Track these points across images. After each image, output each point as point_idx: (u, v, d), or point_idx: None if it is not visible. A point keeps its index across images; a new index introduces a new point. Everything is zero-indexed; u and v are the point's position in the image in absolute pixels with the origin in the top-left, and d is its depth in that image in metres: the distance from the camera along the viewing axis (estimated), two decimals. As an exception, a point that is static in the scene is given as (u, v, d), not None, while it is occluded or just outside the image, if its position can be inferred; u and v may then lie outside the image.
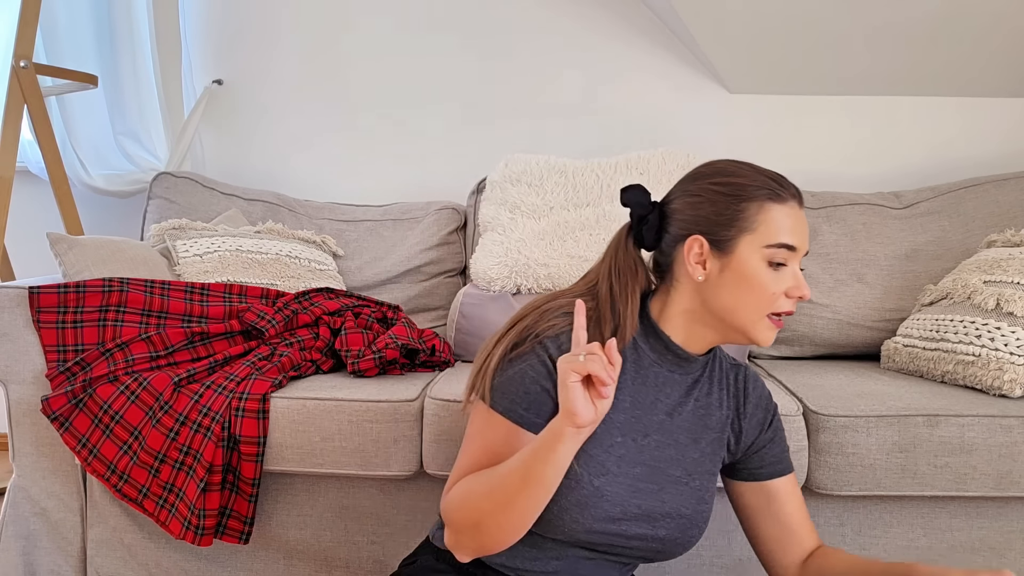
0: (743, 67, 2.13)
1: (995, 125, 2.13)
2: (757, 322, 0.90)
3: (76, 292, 1.42)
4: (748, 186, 0.90)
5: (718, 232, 0.90)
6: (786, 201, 0.90)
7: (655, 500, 0.92)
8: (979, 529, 1.35)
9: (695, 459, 0.96)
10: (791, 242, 0.89)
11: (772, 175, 0.92)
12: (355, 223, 2.06)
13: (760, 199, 0.89)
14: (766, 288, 0.89)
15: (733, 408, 1.00)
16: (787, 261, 0.89)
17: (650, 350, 0.96)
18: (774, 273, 0.89)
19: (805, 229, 0.92)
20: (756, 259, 0.89)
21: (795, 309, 0.93)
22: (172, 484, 1.31)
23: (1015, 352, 1.36)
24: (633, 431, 0.93)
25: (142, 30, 2.20)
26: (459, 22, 2.24)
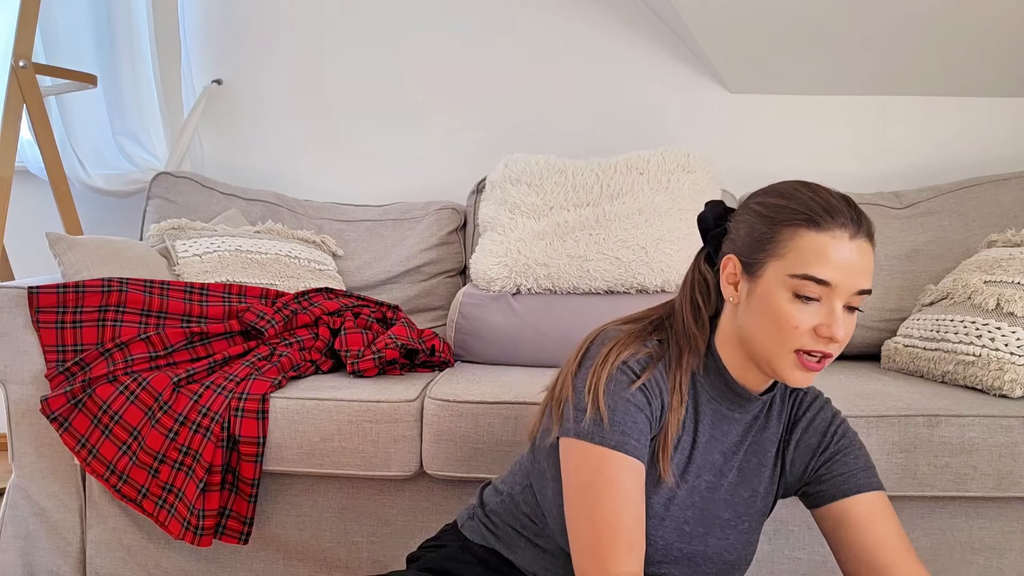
0: (743, 67, 2.12)
1: (995, 125, 2.13)
2: (780, 357, 0.82)
3: (75, 292, 1.42)
4: (786, 208, 0.82)
5: (751, 254, 0.84)
6: (828, 229, 0.79)
7: (700, 544, 0.88)
8: (979, 529, 1.35)
9: (746, 499, 0.91)
10: (822, 276, 0.79)
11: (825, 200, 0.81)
12: (355, 223, 2.06)
13: (796, 224, 0.81)
14: (786, 320, 0.80)
15: (782, 439, 0.94)
16: (820, 296, 0.80)
17: (709, 385, 0.90)
18: (800, 306, 0.80)
19: (855, 265, 0.79)
20: (780, 288, 0.81)
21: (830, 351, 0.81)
22: (171, 484, 1.31)
23: (1015, 352, 1.36)
24: (685, 472, 0.88)
25: (141, 30, 2.20)
26: (459, 22, 2.24)
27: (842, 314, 0.80)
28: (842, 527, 0.90)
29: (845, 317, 0.81)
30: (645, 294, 1.76)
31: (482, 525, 0.99)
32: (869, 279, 0.81)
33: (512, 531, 0.97)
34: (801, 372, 0.82)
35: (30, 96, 1.93)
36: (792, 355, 0.81)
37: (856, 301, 0.81)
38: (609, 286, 1.76)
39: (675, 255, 1.73)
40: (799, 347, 0.81)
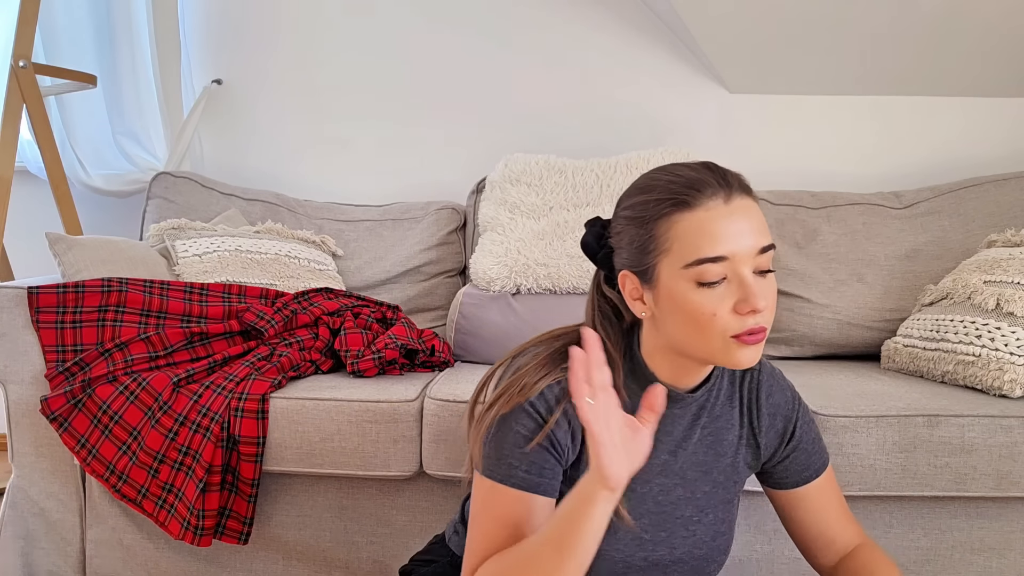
0: (743, 67, 2.12)
1: (995, 125, 2.13)
2: (715, 350, 0.77)
3: (75, 292, 1.42)
4: (651, 201, 0.77)
5: (640, 261, 0.78)
6: (699, 203, 0.74)
7: (664, 548, 0.86)
8: (979, 529, 1.35)
9: (707, 492, 0.89)
10: (713, 253, 0.73)
11: (684, 176, 0.76)
12: (354, 223, 2.06)
13: (666, 213, 0.75)
14: (701, 312, 0.74)
15: (748, 423, 0.92)
16: (725, 274, 0.74)
17: (640, 389, 0.86)
18: (708, 292, 0.74)
19: (742, 226, 0.74)
20: (681, 283, 0.75)
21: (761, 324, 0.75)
22: (171, 484, 1.31)
23: (1015, 352, 1.36)
24: (632, 481, 0.85)
25: (141, 30, 2.19)
26: (459, 22, 2.24)
27: (755, 281, 0.74)
28: (799, 508, 0.94)
29: (760, 283, 0.75)
30: (645, 294, 1.76)
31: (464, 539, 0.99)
32: (765, 234, 0.75)
33: None
34: (745, 351, 0.76)
35: (30, 96, 1.93)
36: (726, 341, 0.76)
37: (763, 262, 0.75)
38: (609, 286, 1.76)
39: (675, 255, 1.73)
40: (728, 333, 0.75)
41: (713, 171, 0.77)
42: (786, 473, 0.93)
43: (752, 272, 0.75)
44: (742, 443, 0.92)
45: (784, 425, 0.92)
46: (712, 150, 2.19)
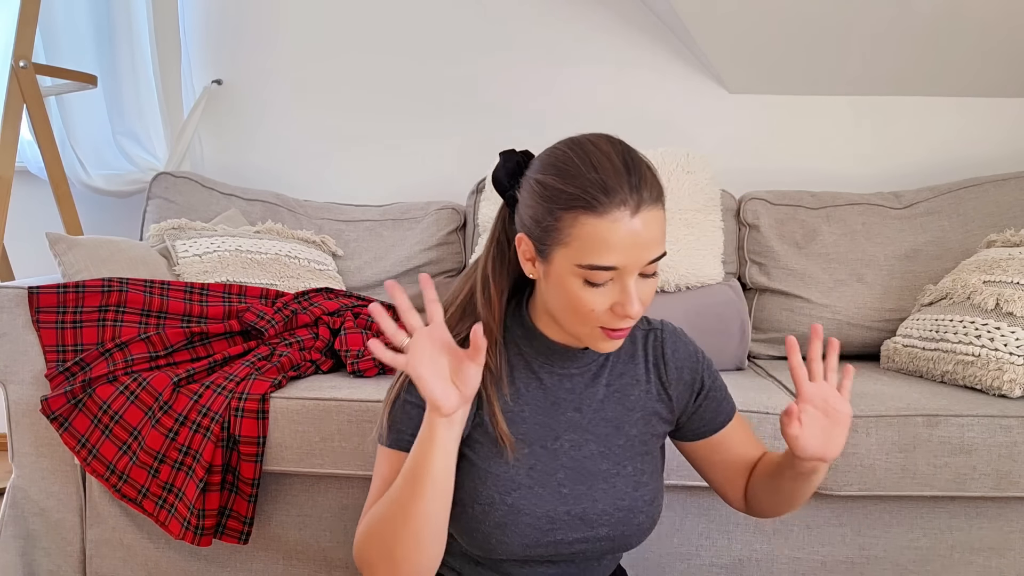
0: (743, 67, 2.13)
1: (995, 125, 2.13)
2: (583, 334, 0.83)
3: (75, 292, 1.42)
4: (564, 193, 0.78)
5: (540, 238, 0.81)
6: (606, 212, 0.76)
7: (587, 501, 0.88)
8: (979, 529, 1.35)
9: (622, 445, 0.92)
10: (606, 263, 0.76)
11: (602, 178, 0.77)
12: (354, 223, 2.06)
13: (574, 210, 0.77)
14: (582, 305, 0.79)
15: (656, 378, 0.95)
16: (612, 277, 0.78)
17: (534, 352, 0.90)
18: (592, 291, 0.79)
19: (640, 240, 0.77)
20: (571, 276, 0.79)
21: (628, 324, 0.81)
22: (171, 484, 1.31)
23: (1015, 352, 1.36)
24: (541, 438, 0.89)
25: (141, 30, 2.20)
26: (459, 22, 2.24)
27: (636, 287, 0.79)
28: (718, 451, 0.98)
29: (640, 286, 0.80)
30: (645, 294, 1.76)
31: None
32: (659, 245, 0.80)
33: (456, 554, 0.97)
34: (607, 343, 0.83)
35: (30, 96, 1.93)
36: (595, 330, 0.82)
37: (649, 269, 0.80)
38: (609, 286, 1.76)
39: (675, 255, 1.73)
40: (599, 325, 0.81)
41: (630, 175, 0.78)
42: (702, 422, 0.97)
43: (638, 276, 0.80)
44: (651, 397, 0.95)
45: (692, 376, 0.96)
46: (712, 150, 2.19)
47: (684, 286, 1.74)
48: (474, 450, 0.88)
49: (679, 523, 1.38)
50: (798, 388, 0.83)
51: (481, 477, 0.87)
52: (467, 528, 0.88)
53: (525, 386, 0.91)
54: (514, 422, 0.89)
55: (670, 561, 1.39)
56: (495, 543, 0.87)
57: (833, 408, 0.83)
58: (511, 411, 0.89)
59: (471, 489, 0.88)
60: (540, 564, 0.92)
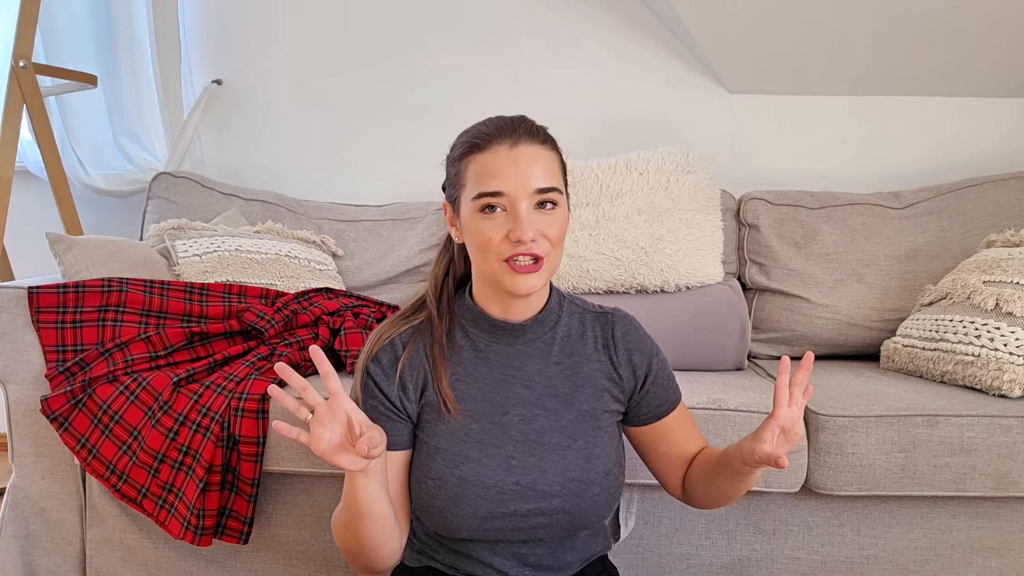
0: (743, 67, 2.13)
1: (995, 125, 2.13)
2: (497, 271, 0.90)
3: (75, 292, 1.42)
4: (460, 143, 0.93)
5: (451, 195, 0.94)
6: (488, 147, 0.89)
7: (536, 472, 0.93)
8: (979, 529, 1.35)
9: (572, 420, 0.96)
10: (490, 188, 0.87)
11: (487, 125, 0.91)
12: (354, 223, 2.06)
13: (467, 154, 0.91)
14: (481, 236, 0.88)
15: (606, 358, 1.00)
16: (505, 207, 0.88)
17: (480, 332, 0.98)
18: (488, 221, 0.88)
19: (520, 168, 0.87)
20: (473, 212, 0.89)
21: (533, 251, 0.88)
22: (171, 484, 1.31)
23: (1014, 352, 1.36)
24: (489, 414, 0.95)
25: (141, 30, 2.20)
26: (459, 22, 2.24)
27: (529, 215, 0.88)
28: (661, 439, 1.04)
29: (535, 217, 0.88)
30: (644, 294, 1.76)
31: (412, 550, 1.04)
32: (547, 178, 0.89)
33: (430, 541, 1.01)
34: (515, 276, 0.89)
35: (30, 96, 1.93)
36: (502, 264, 0.89)
37: (545, 198, 0.89)
38: (608, 286, 1.76)
39: (675, 255, 1.73)
40: (500, 256, 0.88)
41: (511, 122, 0.91)
42: (648, 407, 1.02)
43: (532, 207, 0.88)
44: (602, 375, 1.00)
45: (640, 360, 1.01)
46: (712, 150, 2.19)
47: (684, 286, 1.74)
48: (424, 430, 0.96)
49: (679, 523, 1.38)
50: (776, 409, 0.87)
51: (431, 454, 0.94)
52: (424, 505, 0.94)
53: (473, 365, 0.97)
54: (463, 399, 0.95)
55: (670, 561, 1.39)
56: (451, 517, 0.92)
57: (794, 431, 0.88)
58: (461, 390, 0.96)
59: (423, 466, 0.94)
60: (507, 545, 0.95)
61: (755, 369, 1.75)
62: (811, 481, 1.31)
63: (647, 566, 1.39)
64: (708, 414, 1.31)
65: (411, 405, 0.97)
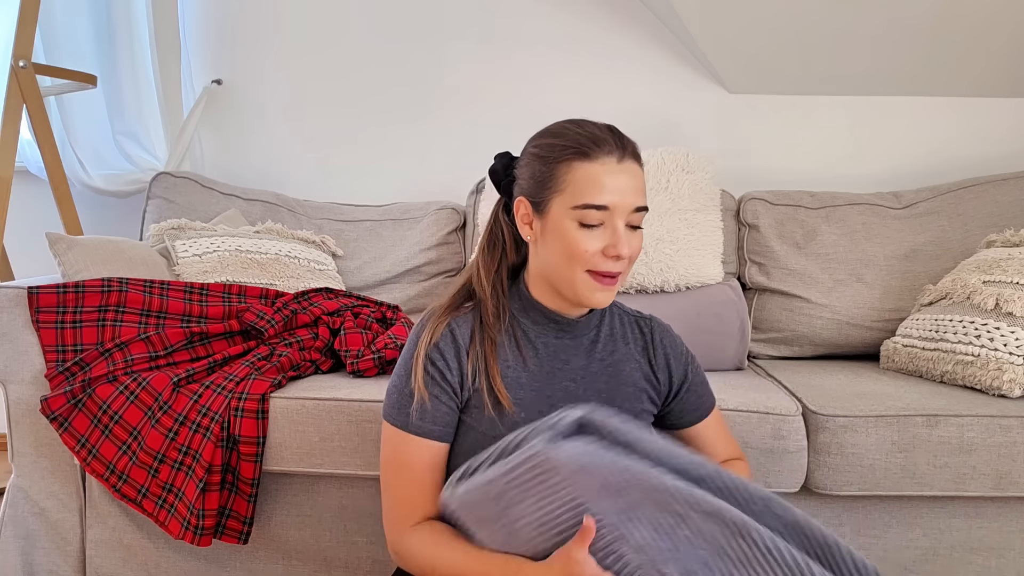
0: (743, 67, 2.13)
1: (995, 125, 2.13)
2: (576, 281, 0.90)
3: (75, 292, 1.42)
4: (557, 146, 0.91)
5: (537, 193, 0.92)
6: (596, 158, 0.88)
7: None
8: (978, 529, 1.35)
9: None
10: (598, 201, 0.87)
11: (590, 132, 0.90)
12: (354, 223, 2.06)
13: (568, 159, 0.89)
14: (576, 246, 0.89)
15: (645, 360, 1.03)
16: (603, 221, 0.88)
17: (532, 323, 0.98)
18: (586, 232, 0.89)
19: (627, 185, 0.88)
20: (567, 220, 0.89)
21: (619, 268, 0.90)
22: (171, 484, 1.31)
23: (1014, 352, 1.36)
24: (537, 404, 0.96)
25: (141, 30, 2.20)
26: (459, 23, 2.24)
27: (625, 233, 0.89)
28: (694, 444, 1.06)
29: (628, 235, 0.90)
30: (644, 294, 1.76)
31: None
32: (642, 197, 0.90)
33: None
34: (599, 291, 0.91)
35: (30, 96, 1.93)
36: (586, 275, 0.90)
37: (636, 219, 0.90)
38: (609, 286, 1.76)
39: (675, 255, 1.73)
40: (590, 268, 0.89)
41: (614, 133, 0.91)
42: (682, 413, 1.05)
43: (625, 225, 0.89)
44: (640, 376, 1.02)
45: (677, 365, 1.04)
46: (712, 150, 2.19)
47: (684, 286, 1.74)
48: (472, 415, 0.95)
49: (679, 523, 1.38)
50: None
51: (479, 440, 0.94)
52: None
53: (524, 356, 0.98)
54: (511, 387, 0.96)
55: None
56: None
57: None
58: (510, 378, 0.96)
59: (470, 450, 0.93)
60: None
61: (755, 369, 1.75)
62: (811, 481, 1.31)
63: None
64: (708, 414, 1.31)
65: (466, 392, 0.97)
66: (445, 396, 0.94)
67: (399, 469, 0.94)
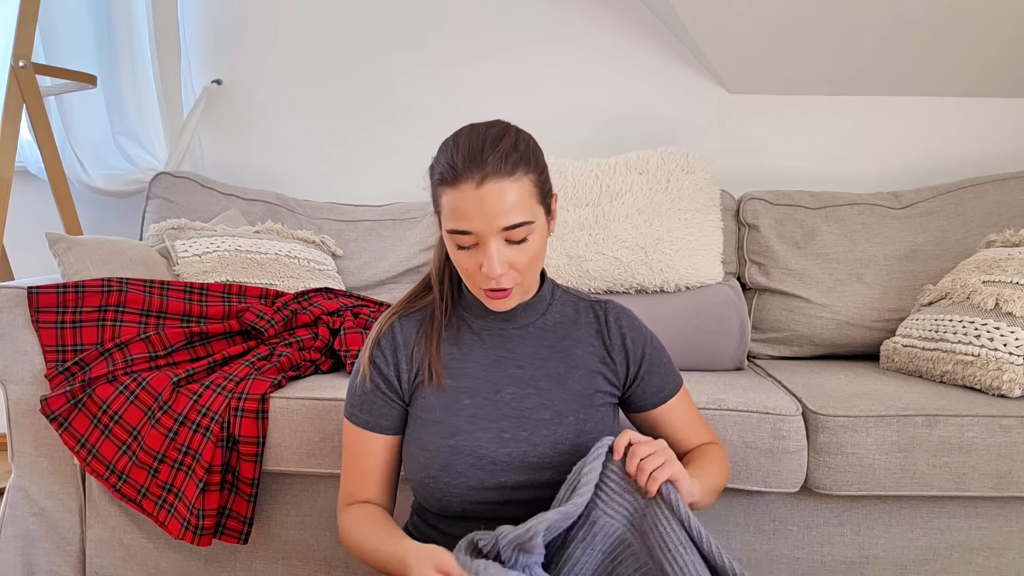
0: (743, 67, 2.13)
1: (995, 125, 2.13)
2: (476, 293, 0.95)
3: (75, 292, 1.42)
4: (435, 168, 0.92)
5: (435, 212, 0.95)
6: (457, 185, 0.87)
7: (527, 445, 0.96)
8: (978, 529, 1.35)
9: (565, 399, 0.99)
10: (462, 227, 0.88)
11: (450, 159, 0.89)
12: (354, 223, 2.06)
13: (440, 184, 0.90)
14: (460, 266, 0.93)
15: (600, 343, 1.04)
16: (475, 242, 0.89)
17: (474, 316, 1.03)
18: (465, 254, 0.91)
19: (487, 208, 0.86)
20: (449, 241, 0.92)
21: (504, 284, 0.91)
22: (171, 484, 1.31)
23: (1014, 352, 1.36)
24: (483, 391, 0.99)
25: (141, 30, 2.20)
26: (459, 22, 2.24)
27: (499, 250, 0.89)
28: (659, 426, 1.07)
29: (509, 251, 0.90)
30: (644, 294, 1.76)
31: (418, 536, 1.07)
32: (511, 215, 0.87)
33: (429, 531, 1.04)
34: (491, 303, 0.95)
35: (30, 96, 1.93)
36: (480, 291, 0.94)
37: (514, 235, 0.89)
38: (608, 286, 1.76)
39: (674, 255, 1.73)
40: (479, 286, 0.93)
41: (481, 151, 0.88)
42: (644, 395, 1.05)
43: (502, 242, 0.89)
44: (595, 358, 1.03)
45: (634, 346, 1.04)
46: (712, 150, 2.19)
47: (684, 286, 1.74)
48: (417, 406, 1.00)
49: (679, 523, 1.38)
50: None
51: (425, 426, 0.98)
52: (419, 479, 0.97)
53: (469, 346, 1.02)
54: (458, 376, 0.99)
55: (670, 561, 1.39)
56: (444, 487, 0.95)
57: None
58: (455, 368, 1.00)
59: (418, 439, 0.98)
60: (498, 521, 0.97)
61: (755, 369, 1.75)
62: (811, 481, 1.31)
63: (647, 566, 1.39)
64: (708, 414, 1.31)
65: (407, 386, 1.01)
66: (384, 392, 1.00)
67: (347, 456, 1.03)
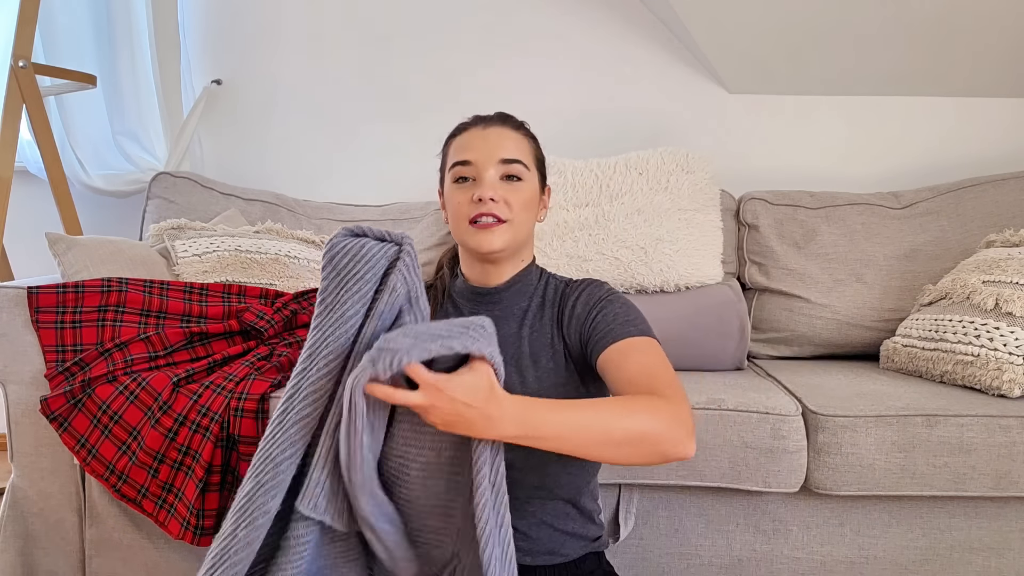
0: (743, 67, 2.13)
1: (995, 125, 2.13)
2: (464, 232, 1.02)
3: (75, 292, 1.42)
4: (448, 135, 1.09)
5: (441, 178, 1.09)
6: (466, 130, 1.05)
7: None
8: (978, 529, 1.35)
9: (537, 377, 1.03)
10: (461, 158, 1.02)
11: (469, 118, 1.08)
12: (354, 223, 2.06)
13: (450, 138, 1.08)
14: (454, 203, 1.03)
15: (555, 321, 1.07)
16: (473, 176, 1.01)
17: (465, 301, 1.10)
18: (460, 188, 1.02)
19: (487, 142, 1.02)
20: (449, 184, 1.05)
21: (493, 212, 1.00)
22: (171, 484, 1.31)
23: (1014, 352, 1.36)
24: None
25: (141, 30, 2.20)
26: (458, 23, 2.24)
27: (494, 182, 1.00)
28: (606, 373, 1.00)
29: (501, 184, 1.01)
30: (644, 294, 1.76)
31: None
32: (508, 150, 1.02)
33: None
34: (478, 235, 1.00)
35: (30, 96, 1.93)
36: (469, 226, 1.01)
37: (509, 170, 1.02)
38: (608, 286, 1.76)
39: (674, 255, 1.73)
40: (468, 217, 1.00)
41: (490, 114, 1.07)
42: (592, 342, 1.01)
43: (498, 177, 1.01)
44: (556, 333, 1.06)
45: (584, 307, 1.03)
46: (712, 150, 2.19)
47: (683, 286, 1.74)
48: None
49: (678, 523, 1.38)
50: None
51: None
52: None
53: None
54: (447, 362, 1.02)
55: (670, 561, 1.39)
56: None
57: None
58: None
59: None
60: None
61: (755, 369, 1.75)
62: (811, 481, 1.31)
63: (647, 566, 1.39)
64: (708, 414, 1.31)
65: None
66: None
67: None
